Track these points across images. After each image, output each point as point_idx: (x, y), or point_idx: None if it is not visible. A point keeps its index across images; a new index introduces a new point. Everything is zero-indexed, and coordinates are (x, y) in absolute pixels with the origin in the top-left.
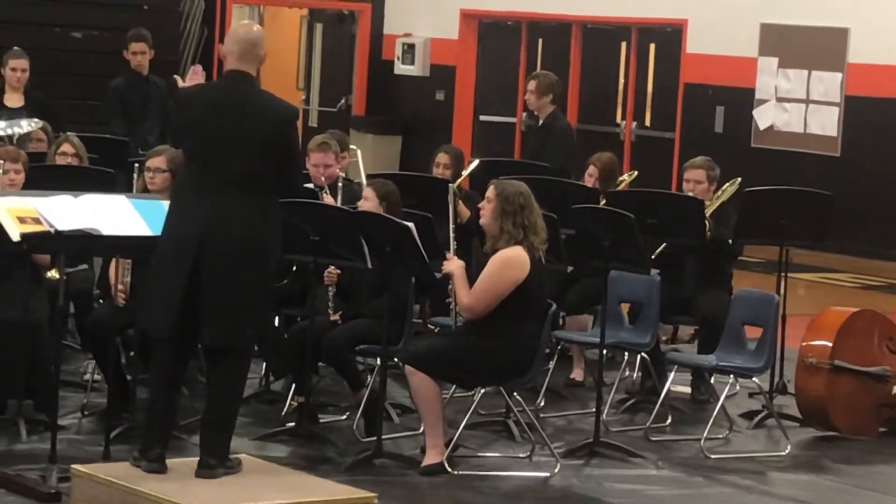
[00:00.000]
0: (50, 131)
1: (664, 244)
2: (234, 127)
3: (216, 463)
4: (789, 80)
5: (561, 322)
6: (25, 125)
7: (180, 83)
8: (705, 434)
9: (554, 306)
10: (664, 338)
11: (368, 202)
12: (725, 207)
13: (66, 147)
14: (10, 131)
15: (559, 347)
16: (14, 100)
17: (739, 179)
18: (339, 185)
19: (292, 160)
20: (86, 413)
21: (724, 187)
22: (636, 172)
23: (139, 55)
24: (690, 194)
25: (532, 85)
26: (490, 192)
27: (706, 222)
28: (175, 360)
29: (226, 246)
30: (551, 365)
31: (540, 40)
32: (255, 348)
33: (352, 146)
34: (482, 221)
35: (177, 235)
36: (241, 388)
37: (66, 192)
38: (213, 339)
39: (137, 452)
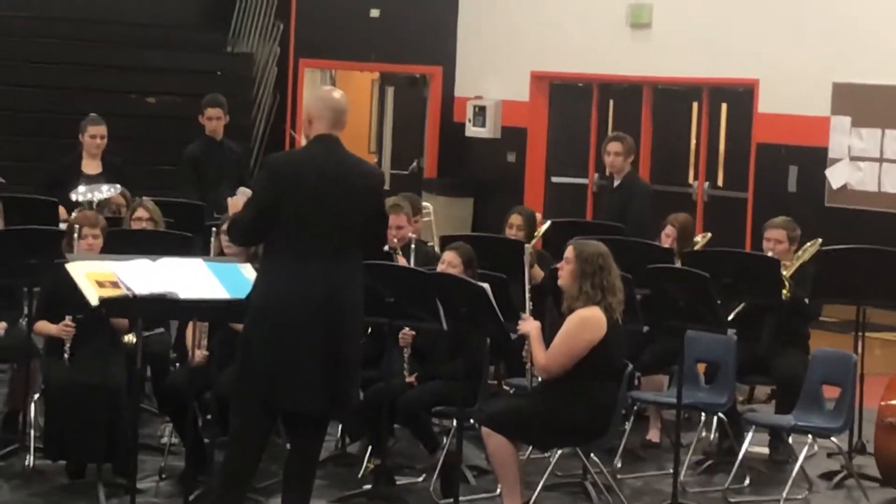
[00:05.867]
0: (129, 196)
1: (741, 304)
2: (342, 192)
3: None
4: (862, 139)
5: (637, 382)
6: (105, 190)
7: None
8: (784, 495)
9: (630, 366)
10: (740, 398)
11: (455, 269)
12: (805, 268)
13: (140, 212)
14: (90, 196)
15: (635, 408)
16: (92, 166)
17: (820, 240)
18: (412, 246)
19: (384, 220)
20: (163, 476)
21: (805, 247)
22: (710, 234)
23: (214, 120)
24: (770, 254)
25: (618, 147)
26: (569, 252)
27: (785, 283)
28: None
29: (347, 313)
30: (628, 426)
31: (611, 101)
32: None
33: (425, 203)
34: (560, 282)
35: (296, 305)
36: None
37: (144, 256)
38: (341, 408)
39: None
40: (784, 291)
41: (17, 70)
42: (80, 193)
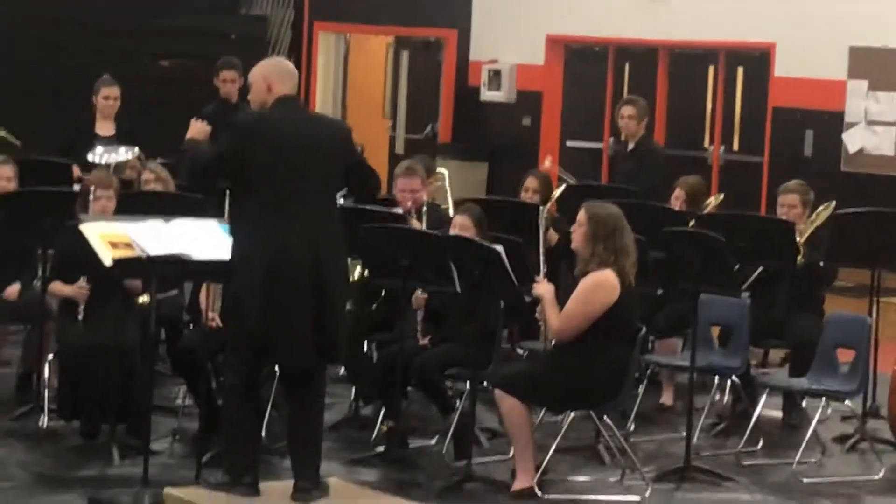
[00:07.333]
0: (144, 159)
1: (758, 270)
2: (314, 149)
3: (312, 485)
4: (879, 103)
5: (650, 346)
6: (123, 152)
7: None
8: (797, 458)
9: (643, 330)
10: (754, 361)
11: (467, 231)
12: (819, 231)
13: (146, 174)
14: (107, 158)
15: (649, 371)
16: (106, 128)
17: (834, 203)
18: (424, 209)
19: (365, 165)
20: (177, 437)
21: (818, 211)
22: (722, 195)
23: (229, 83)
24: (783, 217)
25: (631, 110)
26: (581, 215)
27: (799, 247)
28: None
29: (331, 266)
30: (641, 389)
31: (627, 65)
32: (344, 373)
33: (440, 169)
34: (574, 245)
35: (282, 264)
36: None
37: (158, 217)
38: (331, 357)
39: (227, 477)
40: (798, 258)
41: (30, 33)
42: (98, 154)
